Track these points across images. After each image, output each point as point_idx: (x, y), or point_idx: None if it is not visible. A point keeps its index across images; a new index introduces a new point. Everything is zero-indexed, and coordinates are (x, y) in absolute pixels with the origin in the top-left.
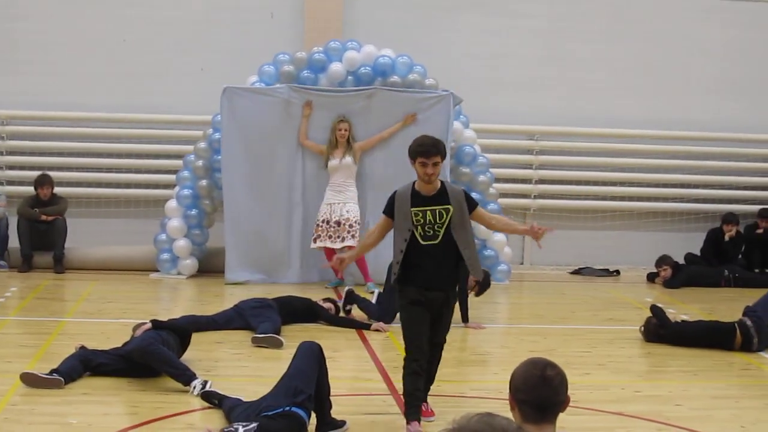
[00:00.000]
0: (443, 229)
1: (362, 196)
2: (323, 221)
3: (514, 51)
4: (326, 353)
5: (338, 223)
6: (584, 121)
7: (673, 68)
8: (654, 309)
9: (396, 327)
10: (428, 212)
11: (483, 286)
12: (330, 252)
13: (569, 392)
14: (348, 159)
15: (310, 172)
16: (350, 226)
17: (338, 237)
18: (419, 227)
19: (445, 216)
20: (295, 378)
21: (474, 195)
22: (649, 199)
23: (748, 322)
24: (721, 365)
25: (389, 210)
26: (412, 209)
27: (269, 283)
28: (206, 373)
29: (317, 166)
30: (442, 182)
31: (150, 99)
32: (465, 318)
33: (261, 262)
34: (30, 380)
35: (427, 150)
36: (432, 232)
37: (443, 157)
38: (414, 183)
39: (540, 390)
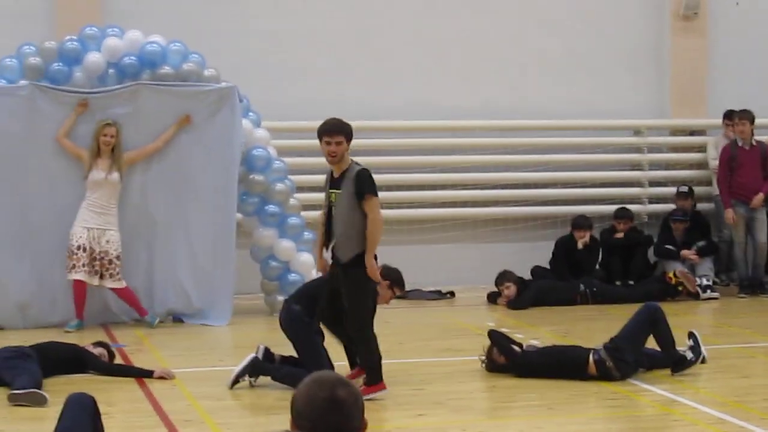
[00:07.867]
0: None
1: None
2: (80, 248)
3: (310, 30)
4: (100, 408)
5: (94, 255)
6: (397, 112)
7: (510, 44)
8: (493, 335)
9: (180, 372)
10: (333, 194)
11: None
12: (81, 288)
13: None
14: (115, 175)
15: (63, 189)
16: (109, 261)
17: (94, 271)
18: (333, 209)
19: (334, 200)
20: None
21: (271, 207)
22: (485, 203)
23: (602, 354)
24: (581, 396)
25: None
26: (330, 190)
27: (23, 327)
28: None
29: (70, 180)
30: (350, 166)
31: None
32: None
33: (10, 300)
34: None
35: (329, 129)
36: None
37: (347, 136)
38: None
39: (328, 415)
